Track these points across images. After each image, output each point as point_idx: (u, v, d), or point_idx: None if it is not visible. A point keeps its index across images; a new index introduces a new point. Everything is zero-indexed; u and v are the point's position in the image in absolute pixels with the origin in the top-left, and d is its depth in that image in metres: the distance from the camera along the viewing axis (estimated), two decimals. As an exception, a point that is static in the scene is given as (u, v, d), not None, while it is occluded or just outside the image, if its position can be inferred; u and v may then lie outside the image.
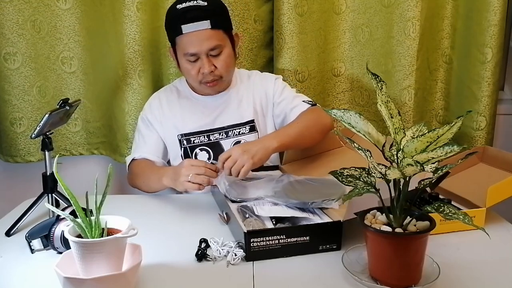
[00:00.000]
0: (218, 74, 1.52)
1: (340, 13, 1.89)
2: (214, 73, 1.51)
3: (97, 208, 0.94)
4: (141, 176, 1.55)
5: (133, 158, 1.60)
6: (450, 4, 1.91)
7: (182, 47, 1.50)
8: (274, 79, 1.67)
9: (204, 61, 1.49)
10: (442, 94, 2.01)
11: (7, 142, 1.86)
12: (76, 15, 1.82)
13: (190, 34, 1.46)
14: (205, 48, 1.47)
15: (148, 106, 1.66)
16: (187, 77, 1.59)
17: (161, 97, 1.66)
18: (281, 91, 1.64)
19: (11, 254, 1.14)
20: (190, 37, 1.47)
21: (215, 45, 1.48)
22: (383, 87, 0.90)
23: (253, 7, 1.85)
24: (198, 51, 1.47)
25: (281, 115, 1.63)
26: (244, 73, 1.70)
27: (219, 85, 1.57)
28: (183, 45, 1.49)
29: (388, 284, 0.93)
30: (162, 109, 1.63)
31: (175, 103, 1.63)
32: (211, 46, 1.48)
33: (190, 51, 1.48)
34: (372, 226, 0.94)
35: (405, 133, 0.90)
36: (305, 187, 1.31)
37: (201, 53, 1.48)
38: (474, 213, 1.20)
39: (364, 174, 0.95)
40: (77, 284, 0.90)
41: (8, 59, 1.78)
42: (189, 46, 1.48)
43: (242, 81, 1.67)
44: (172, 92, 1.67)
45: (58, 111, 1.26)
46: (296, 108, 1.59)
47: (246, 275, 1.02)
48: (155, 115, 1.63)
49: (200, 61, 1.49)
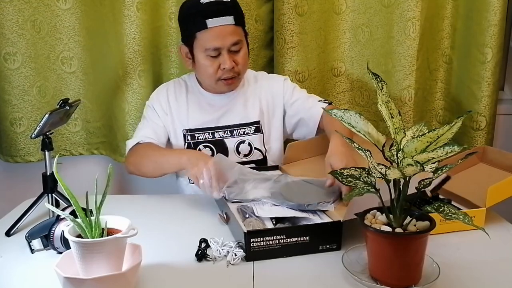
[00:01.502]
0: (237, 71, 1.53)
1: (340, 13, 1.89)
2: (234, 69, 1.52)
3: (97, 208, 0.94)
4: (150, 156, 1.50)
5: (138, 142, 1.55)
6: (450, 4, 1.91)
7: (204, 42, 1.49)
8: (283, 80, 1.68)
9: (226, 56, 1.49)
10: (442, 94, 2.01)
11: (7, 142, 1.86)
12: (76, 15, 1.82)
13: (214, 28, 1.47)
14: (228, 43, 1.48)
15: (156, 96, 1.65)
16: (203, 74, 1.56)
17: (169, 89, 1.65)
18: (291, 92, 1.65)
19: (11, 254, 1.14)
20: (214, 32, 1.47)
21: (238, 40, 1.50)
22: (383, 87, 0.90)
23: (253, 7, 1.85)
24: (222, 45, 1.48)
25: (297, 115, 1.64)
26: (251, 74, 1.70)
27: (235, 83, 1.57)
28: (206, 39, 1.48)
29: (388, 284, 0.93)
30: (168, 101, 1.62)
31: (182, 97, 1.63)
32: (234, 40, 1.49)
33: (213, 46, 1.48)
34: (372, 226, 0.94)
35: (405, 133, 0.90)
36: (301, 188, 1.31)
37: (223, 48, 1.48)
38: (474, 213, 1.20)
39: (364, 174, 0.95)
40: (77, 284, 0.90)
41: (8, 59, 1.78)
42: (213, 41, 1.47)
43: (249, 82, 1.67)
44: (180, 86, 1.66)
45: (58, 111, 1.26)
46: (313, 109, 1.60)
47: (246, 275, 1.02)
48: (162, 106, 1.62)
49: (221, 56, 1.50)
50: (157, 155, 1.49)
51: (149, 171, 1.52)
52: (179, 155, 1.44)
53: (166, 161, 1.47)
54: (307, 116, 1.61)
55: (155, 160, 1.49)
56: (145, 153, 1.52)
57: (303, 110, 1.62)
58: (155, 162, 1.49)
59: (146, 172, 1.53)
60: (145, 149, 1.53)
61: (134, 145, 1.55)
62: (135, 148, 1.55)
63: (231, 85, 1.57)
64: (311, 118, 1.61)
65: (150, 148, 1.52)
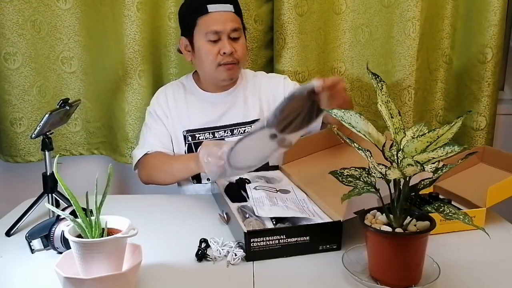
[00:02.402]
0: (236, 57, 1.55)
1: (340, 13, 1.89)
2: (234, 55, 1.54)
3: (97, 208, 0.94)
4: (163, 167, 1.53)
5: (145, 153, 1.57)
6: (450, 4, 1.91)
7: (205, 26, 1.52)
8: (283, 79, 1.69)
9: (226, 41, 1.52)
10: (442, 94, 2.01)
11: (7, 142, 1.86)
12: (76, 15, 1.82)
13: (215, 13, 1.52)
14: (228, 28, 1.52)
15: (155, 101, 1.66)
16: (204, 61, 1.56)
17: (167, 92, 1.66)
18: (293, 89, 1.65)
19: (11, 254, 1.14)
20: (215, 16, 1.52)
21: (237, 26, 1.54)
22: (383, 87, 0.91)
23: (253, 7, 1.85)
24: (222, 29, 1.51)
25: None
26: (250, 73, 1.72)
27: (234, 70, 1.58)
28: (207, 23, 1.52)
29: (388, 284, 0.93)
30: (168, 104, 1.63)
31: (181, 99, 1.64)
32: (234, 27, 1.53)
33: (214, 29, 1.51)
34: (372, 226, 0.94)
35: (405, 133, 0.90)
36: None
37: (224, 32, 1.52)
38: (474, 213, 1.20)
39: (364, 174, 0.95)
40: (77, 284, 0.90)
41: (8, 59, 1.78)
42: (214, 24, 1.51)
43: (248, 81, 1.68)
44: (178, 88, 1.67)
45: (58, 111, 1.26)
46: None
47: (246, 275, 1.02)
48: (163, 109, 1.62)
49: (221, 42, 1.53)
50: (168, 165, 1.52)
51: (164, 181, 1.55)
52: (186, 163, 1.46)
53: (176, 170, 1.50)
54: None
55: (165, 170, 1.53)
56: (154, 165, 1.55)
57: None
58: (166, 172, 1.52)
59: (161, 182, 1.56)
60: (154, 160, 1.55)
61: (143, 155, 1.57)
62: (144, 160, 1.57)
63: (231, 71, 1.57)
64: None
65: (158, 160, 1.55)
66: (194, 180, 1.62)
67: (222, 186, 1.37)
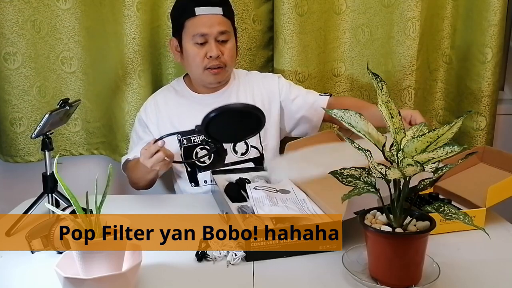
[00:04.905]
0: (223, 61, 1.55)
1: (340, 13, 1.89)
2: (220, 59, 1.54)
3: (97, 208, 0.94)
4: (134, 171, 1.55)
5: (127, 159, 1.61)
6: (450, 4, 1.91)
7: (192, 29, 1.52)
8: (277, 78, 1.69)
9: (212, 44, 1.52)
10: (442, 94, 2.01)
11: (7, 142, 1.86)
12: (76, 15, 1.82)
13: (202, 16, 1.51)
14: (215, 31, 1.51)
15: (143, 109, 1.67)
16: (191, 64, 1.57)
17: (157, 98, 1.66)
18: (289, 89, 1.66)
19: (11, 254, 1.14)
20: (202, 19, 1.51)
21: (225, 29, 1.53)
22: (383, 87, 0.90)
23: (252, 7, 1.84)
24: (209, 32, 1.51)
25: (299, 112, 1.65)
26: (243, 72, 1.72)
27: (221, 74, 1.58)
28: (194, 26, 1.52)
29: (388, 284, 0.93)
30: (158, 110, 1.63)
31: (173, 102, 1.64)
32: (222, 29, 1.52)
33: (200, 31, 1.51)
34: (372, 226, 0.94)
35: (405, 133, 0.90)
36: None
37: (210, 35, 1.51)
38: (474, 213, 1.20)
39: (364, 174, 0.95)
40: (77, 284, 0.90)
41: (8, 59, 1.78)
42: (200, 27, 1.51)
43: (240, 80, 1.67)
44: (169, 92, 1.67)
45: (58, 111, 1.26)
46: (317, 103, 1.62)
47: (246, 275, 1.02)
48: (151, 118, 1.63)
49: (208, 45, 1.52)
50: (135, 169, 1.54)
51: (141, 183, 1.57)
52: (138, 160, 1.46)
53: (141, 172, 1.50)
54: (310, 112, 1.62)
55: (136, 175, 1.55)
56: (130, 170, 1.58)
57: (305, 106, 1.63)
58: (137, 176, 1.55)
59: (140, 185, 1.59)
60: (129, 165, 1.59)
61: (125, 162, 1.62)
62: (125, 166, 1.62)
63: (217, 75, 1.57)
64: (315, 114, 1.62)
65: (131, 164, 1.58)
66: (192, 184, 1.62)
67: (222, 186, 1.38)
